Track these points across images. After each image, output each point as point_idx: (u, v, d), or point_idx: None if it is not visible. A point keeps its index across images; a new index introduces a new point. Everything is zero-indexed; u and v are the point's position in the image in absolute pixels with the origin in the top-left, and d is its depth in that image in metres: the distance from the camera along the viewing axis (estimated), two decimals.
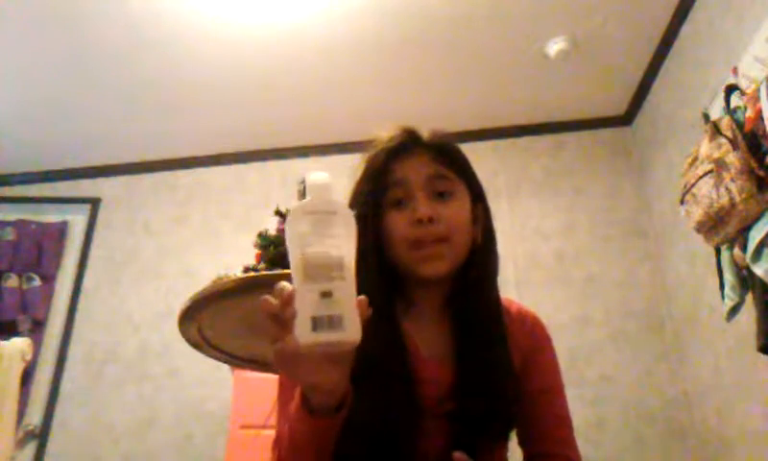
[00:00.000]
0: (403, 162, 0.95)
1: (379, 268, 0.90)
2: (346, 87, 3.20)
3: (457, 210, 0.94)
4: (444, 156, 0.97)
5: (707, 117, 2.23)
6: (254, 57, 2.98)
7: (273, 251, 1.84)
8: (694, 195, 2.04)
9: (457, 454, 0.80)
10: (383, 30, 2.86)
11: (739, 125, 1.95)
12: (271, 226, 1.95)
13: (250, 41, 2.89)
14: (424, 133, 1.00)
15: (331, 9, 2.74)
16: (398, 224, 0.92)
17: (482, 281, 0.95)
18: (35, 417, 3.11)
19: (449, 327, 0.93)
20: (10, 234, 3.47)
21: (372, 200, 0.94)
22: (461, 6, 2.75)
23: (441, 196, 0.94)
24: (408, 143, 0.98)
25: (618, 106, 3.45)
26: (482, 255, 0.96)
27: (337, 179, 0.71)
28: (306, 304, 0.62)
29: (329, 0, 2.70)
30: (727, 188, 1.90)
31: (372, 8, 2.74)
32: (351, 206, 0.94)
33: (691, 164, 2.10)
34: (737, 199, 1.88)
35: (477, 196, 1.00)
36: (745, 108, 1.97)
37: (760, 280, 1.90)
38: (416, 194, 0.93)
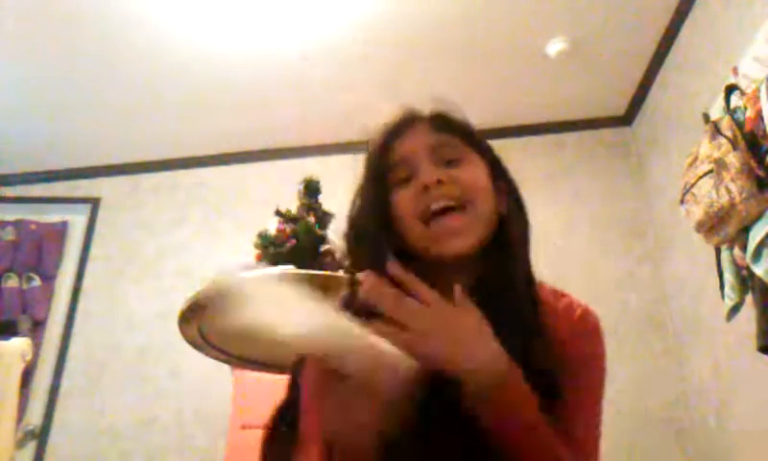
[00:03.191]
0: (403, 140, 0.86)
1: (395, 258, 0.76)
2: (345, 88, 3.20)
3: (472, 172, 0.83)
4: (447, 123, 0.87)
5: (707, 117, 2.23)
6: (255, 56, 2.98)
7: (273, 251, 1.84)
8: (694, 195, 2.04)
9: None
10: (383, 31, 2.85)
11: (739, 125, 1.95)
12: (271, 226, 1.95)
13: (250, 41, 2.89)
14: (425, 108, 0.91)
15: (330, 10, 2.74)
16: (405, 199, 0.81)
17: (512, 259, 0.82)
18: (35, 417, 3.11)
19: None
20: (10, 234, 3.47)
21: (375, 188, 0.84)
22: (460, 6, 2.75)
23: (449, 163, 0.83)
24: (406, 120, 0.89)
25: (618, 106, 3.44)
26: (511, 227, 0.84)
27: (337, 179, 0.71)
28: None
29: (330, 1, 2.70)
30: (727, 188, 1.90)
31: (372, 9, 2.74)
32: (357, 206, 0.87)
33: (691, 164, 2.09)
34: (737, 199, 1.87)
35: (496, 170, 0.88)
36: (745, 108, 1.97)
37: (760, 280, 1.90)
38: (420, 166, 0.82)
